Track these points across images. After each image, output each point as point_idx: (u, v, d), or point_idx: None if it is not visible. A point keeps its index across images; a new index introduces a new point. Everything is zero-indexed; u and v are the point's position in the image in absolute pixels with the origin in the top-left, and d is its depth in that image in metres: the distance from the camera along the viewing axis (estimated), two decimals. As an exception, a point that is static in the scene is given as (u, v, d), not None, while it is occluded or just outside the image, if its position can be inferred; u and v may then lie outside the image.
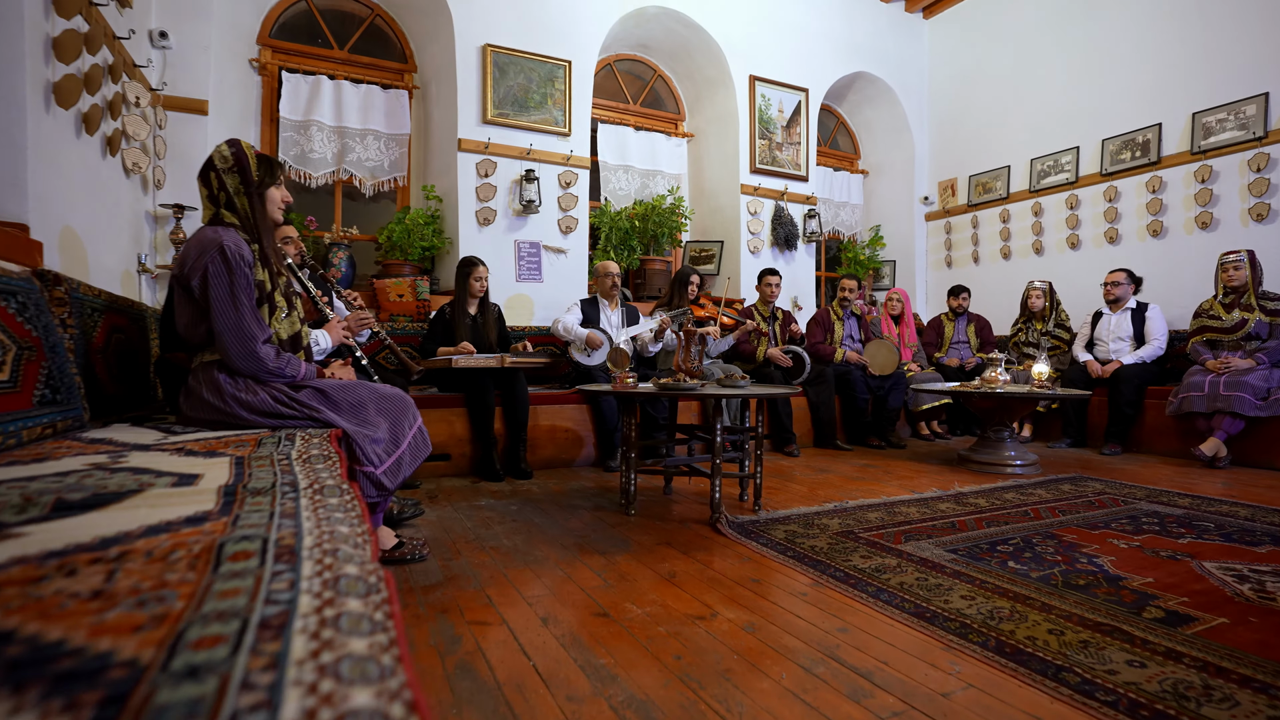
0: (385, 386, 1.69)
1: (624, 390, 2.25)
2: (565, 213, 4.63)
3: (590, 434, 3.54)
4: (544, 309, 4.49)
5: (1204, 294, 4.52)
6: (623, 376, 2.34)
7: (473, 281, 3.39)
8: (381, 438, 1.56)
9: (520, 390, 3.23)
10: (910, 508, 2.53)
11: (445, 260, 4.42)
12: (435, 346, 3.32)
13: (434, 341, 3.35)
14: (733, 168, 5.66)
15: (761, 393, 2.18)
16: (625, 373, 2.34)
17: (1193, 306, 4.55)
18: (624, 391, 2.24)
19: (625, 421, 2.35)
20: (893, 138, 6.92)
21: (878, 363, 4.75)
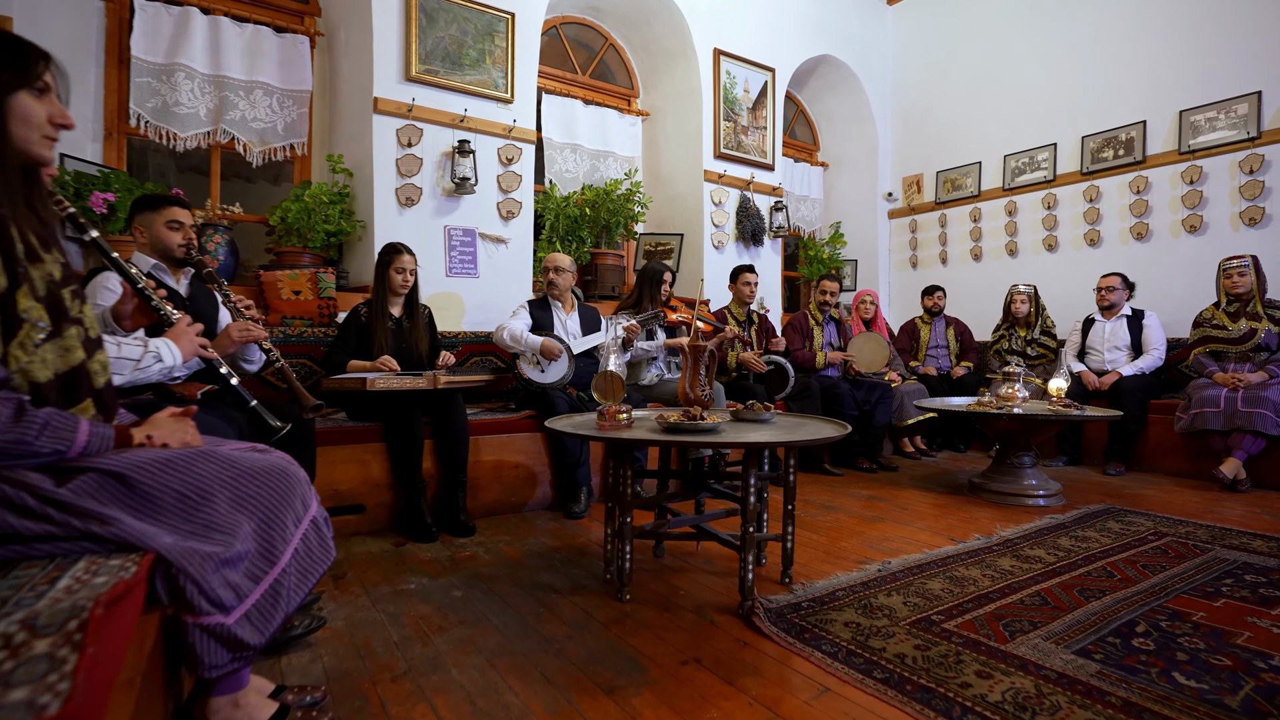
0: (253, 455, 1.01)
1: (616, 434, 1.65)
2: (507, 194, 3.95)
3: (545, 469, 2.90)
4: (479, 311, 3.80)
5: (1192, 301, 4.42)
6: (613, 411, 1.74)
7: (394, 274, 2.68)
8: (241, 552, 0.89)
9: (458, 418, 2.57)
10: (970, 568, 2.08)
11: (356, 249, 3.64)
12: (345, 359, 2.59)
13: (343, 352, 2.62)
14: (694, 151, 5.15)
15: (817, 438, 1.64)
16: (617, 406, 1.74)
17: (1180, 314, 4.45)
18: (618, 437, 1.64)
19: (616, 473, 1.75)
20: (855, 129, 6.64)
21: (864, 359, 4.37)
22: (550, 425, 1.85)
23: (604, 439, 1.65)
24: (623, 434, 1.66)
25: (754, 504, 1.70)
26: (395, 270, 2.67)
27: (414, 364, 2.69)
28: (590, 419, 1.99)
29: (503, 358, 3.66)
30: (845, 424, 1.76)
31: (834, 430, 1.74)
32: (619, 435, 1.64)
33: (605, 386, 1.72)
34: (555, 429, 1.76)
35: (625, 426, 1.76)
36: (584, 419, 2.04)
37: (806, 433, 1.69)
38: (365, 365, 2.53)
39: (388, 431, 2.48)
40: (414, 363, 2.70)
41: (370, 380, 2.27)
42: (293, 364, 2.91)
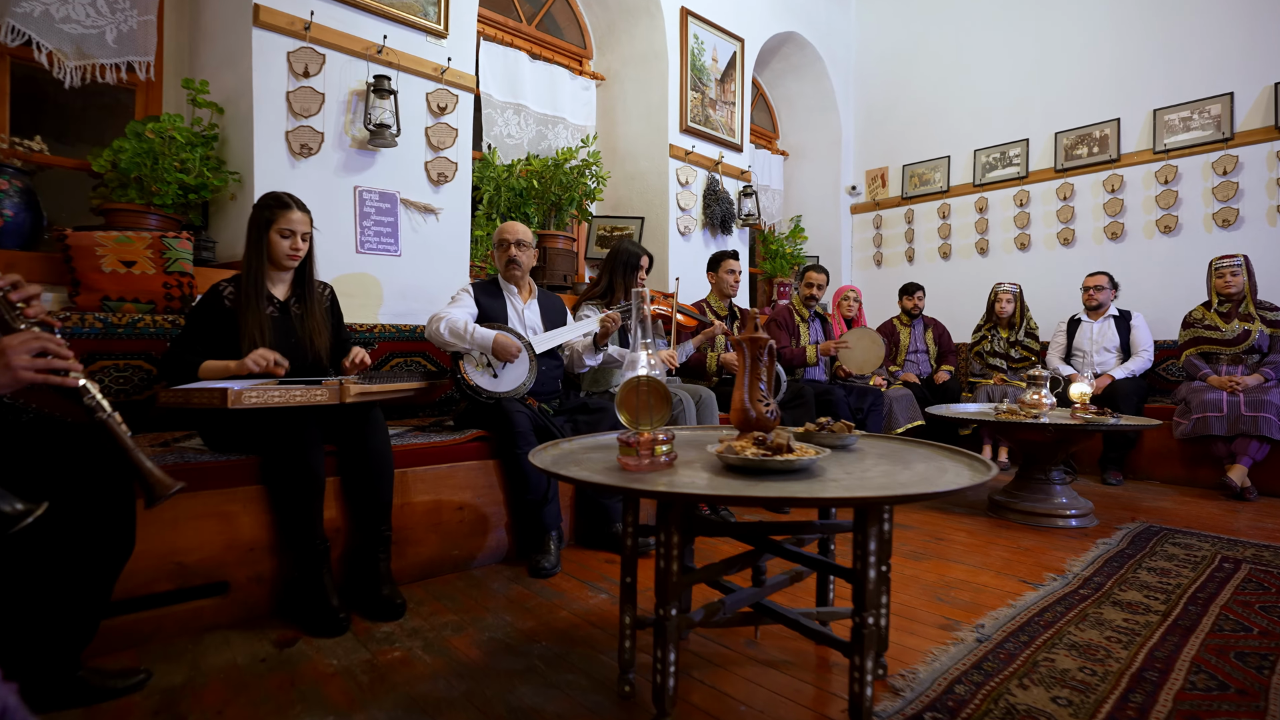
0: None
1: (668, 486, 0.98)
2: (438, 153, 3.16)
3: (499, 509, 2.17)
4: (400, 299, 3.00)
5: (1167, 303, 4.29)
6: (648, 442, 1.06)
7: (277, 238, 1.87)
8: None
9: (378, 445, 1.79)
10: (1081, 627, 1.68)
11: (228, 212, 2.75)
12: (198, 359, 1.75)
13: (192, 349, 1.78)
14: (658, 123, 4.53)
15: (965, 484, 1.03)
16: (656, 433, 1.07)
17: (1155, 315, 4.31)
18: (671, 491, 0.96)
19: (659, 541, 1.08)
20: (818, 117, 6.26)
21: (857, 358, 3.90)
22: (536, 461, 1.16)
23: (644, 492, 0.96)
24: (676, 484, 0.98)
25: (874, 580, 1.07)
26: (279, 233, 1.86)
27: (307, 366, 1.89)
28: (600, 453, 1.30)
29: (436, 359, 2.87)
30: (985, 461, 1.17)
31: (974, 470, 1.15)
32: (672, 488, 0.96)
33: (637, 401, 1.04)
34: (556, 471, 1.06)
35: (666, 466, 1.09)
36: (587, 448, 1.34)
37: (950, 479, 1.08)
38: (229, 367, 1.70)
39: (268, 468, 1.67)
40: (307, 365, 1.89)
41: (235, 394, 1.46)
42: (123, 373, 2.02)
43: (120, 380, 2.00)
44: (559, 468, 1.11)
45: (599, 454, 1.31)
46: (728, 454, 1.08)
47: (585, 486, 1.01)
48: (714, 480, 1.04)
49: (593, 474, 1.06)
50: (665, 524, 1.08)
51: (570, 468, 1.12)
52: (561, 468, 1.11)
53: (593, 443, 1.47)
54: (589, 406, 2.39)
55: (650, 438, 1.07)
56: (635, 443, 1.07)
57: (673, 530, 1.08)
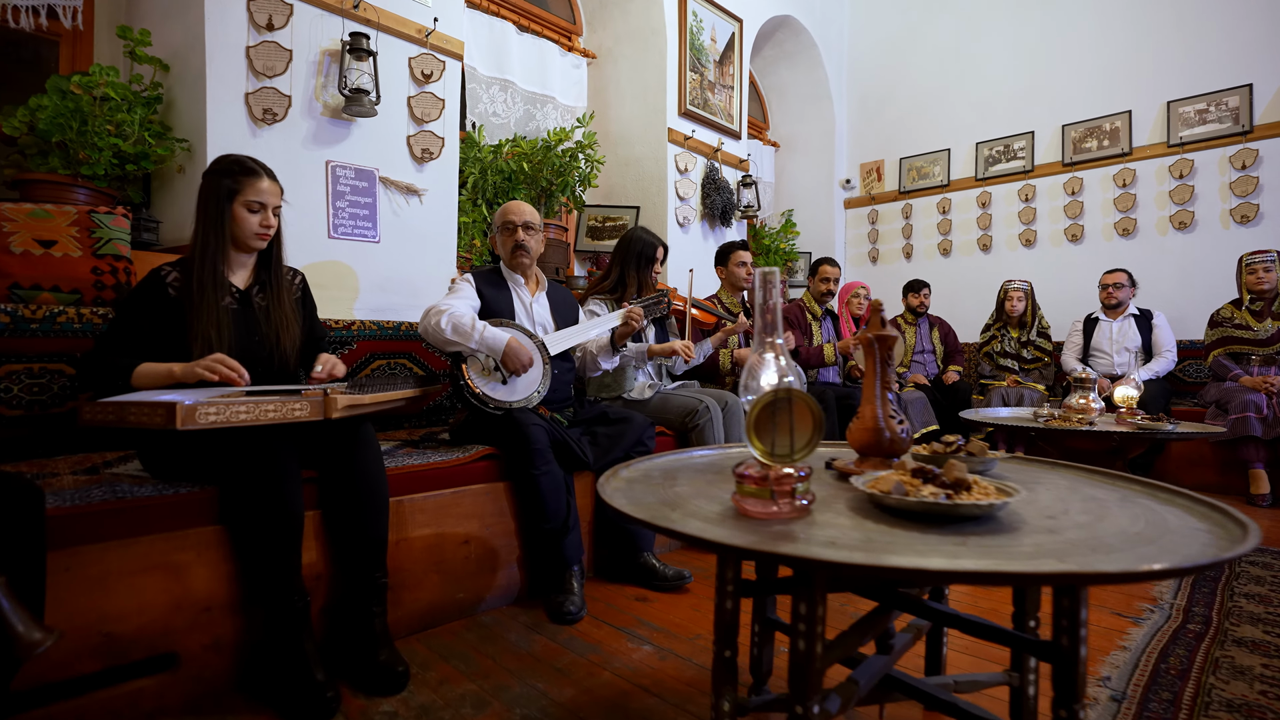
0: None
1: (866, 557, 0.68)
2: (422, 126, 2.80)
3: (510, 541, 1.84)
4: (379, 292, 2.63)
5: (1183, 301, 4.19)
6: (788, 479, 0.76)
7: (242, 212, 1.51)
8: None
9: (369, 467, 1.45)
10: (1229, 681, 1.43)
11: (174, 187, 2.34)
12: (131, 361, 1.37)
13: (123, 347, 1.40)
14: (656, 105, 4.23)
15: (1235, 553, 0.76)
16: (797, 466, 0.77)
17: (1169, 314, 4.20)
18: (880, 565, 0.66)
19: (803, 616, 0.78)
20: (811, 107, 6.06)
21: None
22: (620, 503, 0.85)
23: (829, 564, 0.66)
24: (878, 555, 0.68)
25: (1084, 660, 0.79)
26: (246, 206, 1.50)
27: (273, 371, 1.53)
28: (689, 484, 0.99)
29: (425, 361, 2.51)
30: (1199, 497, 0.90)
31: (1211, 520, 0.87)
32: (877, 560, 0.66)
33: (776, 421, 0.74)
34: (665, 526, 0.75)
35: (805, 510, 0.79)
36: (662, 475, 1.03)
37: (1191, 533, 0.81)
38: (172, 372, 1.33)
39: (230, 503, 1.32)
40: (273, 369, 1.53)
41: (186, 410, 1.10)
42: (37, 380, 1.62)
43: (34, 389, 1.60)
44: (661, 518, 0.80)
45: (688, 486, 1.00)
46: (895, 493, 0.78)
47: (725, 551, 0.70)
48: (876, 531, 0.75)
49: (730, 531, 0.75)
50: (809, 590, 0.78)
51: (676, 516, 0.81)
52: (665, 517, 0.80)
53: (665, 466, 1.16)
54: (609, 416, 2.08)
55: (791, 474, 0.77)
56: (767, 480, 0.77)
57: (817, 598, 0.78)
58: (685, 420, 2.39)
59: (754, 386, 0.84)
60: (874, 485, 0.83)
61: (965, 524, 0.77)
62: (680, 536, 0.73)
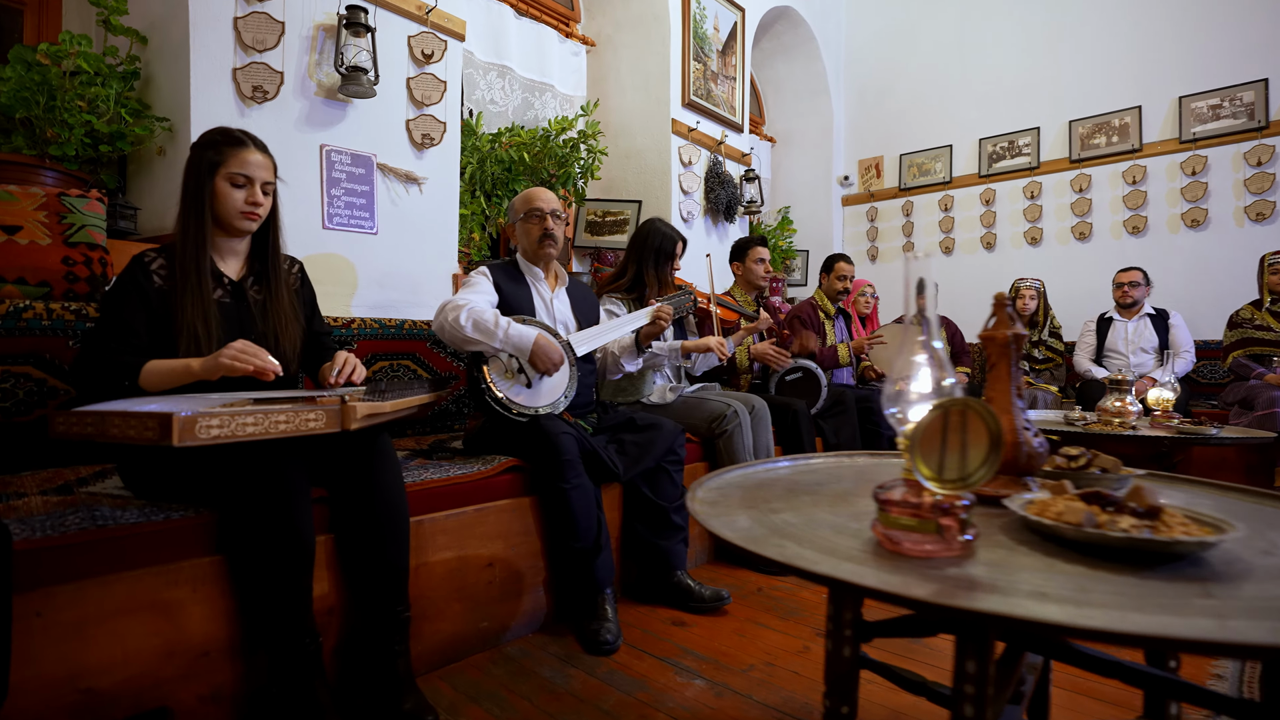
0: None
1: (1109, 621, 0.54)
2: (422, 110, 2.63)
3: (536, 560, 1.68)
4: (378, 288, 2.45)
5: (1196, 301, 4.16)
6: (956, 509, 0.62)
7: (226, 188, 1.33)
8: None
9: (389, 486, 1.28)
10: None
11: (154, 171, 2.14)
12: (139, 359, 1.19)
13: (126, 342, 1.21)
14: (659, 96, 4.09)
15: None
16: (960, 487, 0.62)
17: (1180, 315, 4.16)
18: (1064, 622, 0.52)
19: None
20: (808, 103, 5.96)
21: (889, 358, 3.56)
22: (718, 528, 0.70)
23: (997, 617, 0.51)
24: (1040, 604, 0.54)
25: None
26: (229, 180, 1.32)
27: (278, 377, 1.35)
28: (785, 501, 0.85)
29: (429, 362, 2.33)
30: None
31: None
32: (1128, 626, 0.52)
33: (947, 435, 0.60)
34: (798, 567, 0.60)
35: (968, 549, 0.65)
36: (747, 490, 0.88)
37: None
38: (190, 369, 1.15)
39: (230, 528, 1.14)
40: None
41: (184, 422, 0.92)
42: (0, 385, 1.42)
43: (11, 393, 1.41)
44: (797, 558, 0.65)
45: (791, 512, 0.86)
46: (1088, 525, 0.64)
47: (914, 607, 0.55)
48: (1080, 576, 0.61)
49: (903, 578, 0.60)
50: (979, 645, 0.63)
51: (811, 554, 0.67)
52: (800, 556, 0.65)
53: (740, 483, 1.02)
54: (636, 423, 1.93)
55: (959, 503, 0.63)
56: (929, 510, 0.63)
57: (989, 655, 0.64)
58: (713, 426, 2.25)
59: (895, 395, 0.70)
60: (1052, 514, 0.69)
61: (1172, 564, 0.63)
62: (844, 586, 0.58)
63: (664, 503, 1.87)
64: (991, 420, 0.61)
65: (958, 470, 0.61)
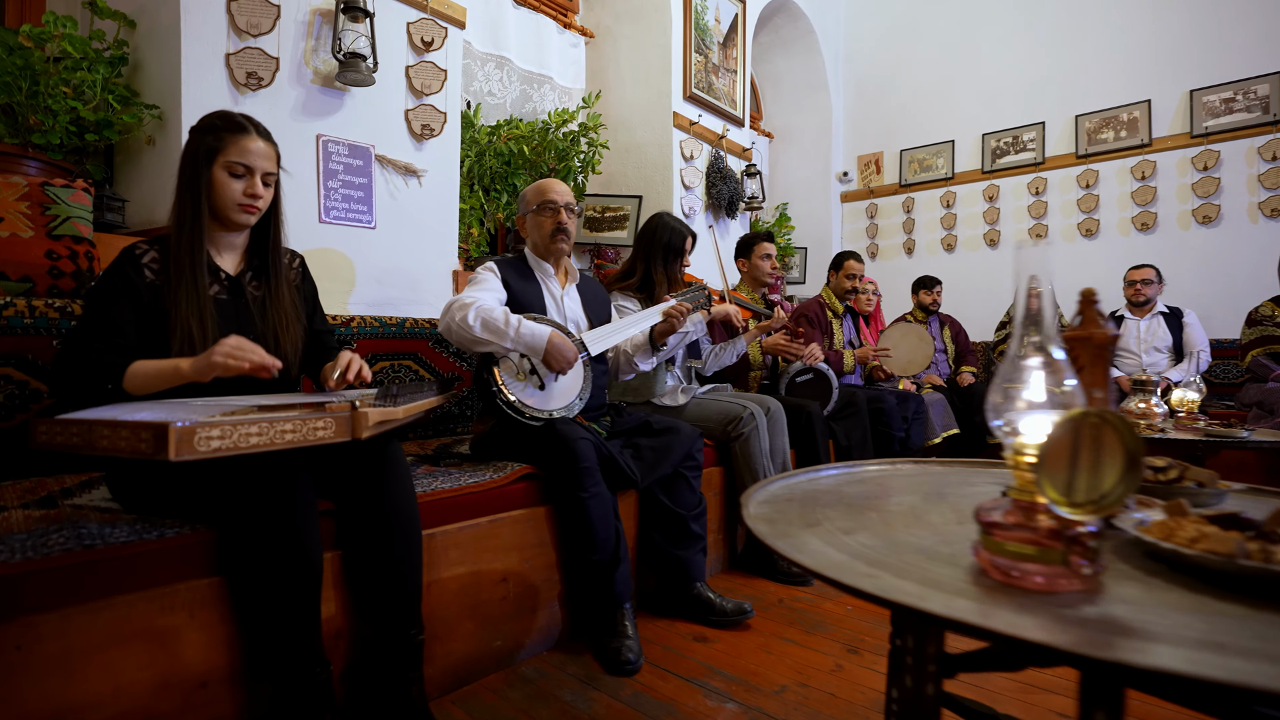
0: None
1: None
2: (421, 99, 2.53)
3: (552, 573, 1.60)
4: (377, 285, 2.36)
5: (1206, 300, 4.12)
6: (1083, 536, 0.54)
7: (222, 175, 1.24)
8: None
9: (401, 499, 1.20)
10: None
11: (144, 161, 2.04)
12: (124, 359, 1.09)
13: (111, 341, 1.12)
14: (660, 87, 4.00)
15: None
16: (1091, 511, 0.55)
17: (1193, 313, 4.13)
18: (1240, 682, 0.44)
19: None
20: (806, 98, 5.90)
21: (901, 358, 3.52)
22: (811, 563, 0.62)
23: (1191, 680, 0.44)
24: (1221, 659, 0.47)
25: None
26: (228, 169, 1.23)
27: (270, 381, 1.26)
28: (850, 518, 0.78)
29: (431, 362, 2.24)
30: None
31: None
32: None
33: (1079, 451, 0.52)
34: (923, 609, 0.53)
35: (1095, 582, 0.57)
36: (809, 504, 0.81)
37: None
38: (180, 370, 1.06)
39: (232, 547, 1.05)
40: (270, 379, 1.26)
41: (181, 433, 0.83)
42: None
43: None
44: (900, 593, 0.57)
45: (866, 533, 0.78)
46: (1240, 556, 0.57)
47: (1079, 664, 0.48)
48: (1250, 619, 0.53)
49: (1045, 625, 0.52)
50: (1112, 698, 0.56)
51: (912, 588, 0.59)
52: (903, 591, 0.58)
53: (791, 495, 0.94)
54: (652, 426, 1.85)
55: (1084, 529, 0.55)
56: (1050, 534, 0.55)
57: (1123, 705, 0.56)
58: (728, 429, 2.18)
59: (1002, 405, 0.62)
60: (1184, 540, 0.62)
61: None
62: (970, 630, 0.50)
63: (682, 510, 1.80)
64: (1129, 435, 0.53)
65: (1090, 491, 0.54)
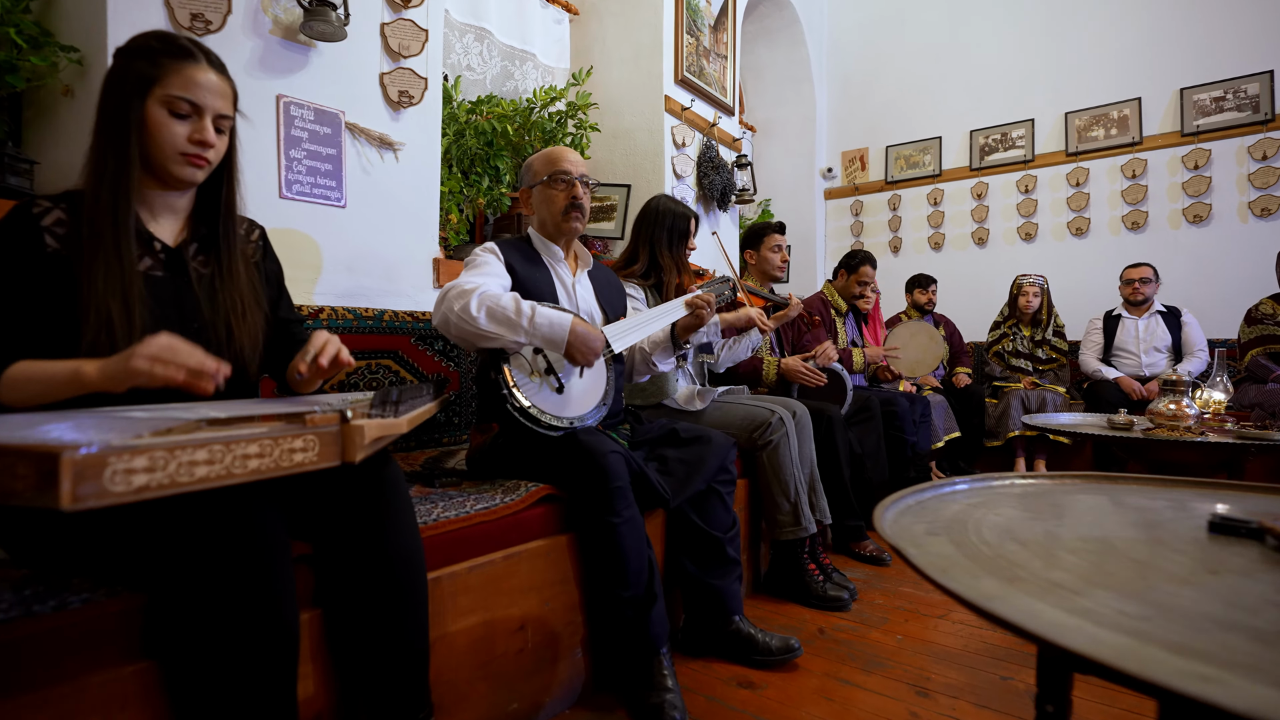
0: None
1: None
2: (399, 62, 2.23)
3: (575, 615, 1.33)
4: (344, 271, 2.04)
5: (1197, 299, 4.08)
6: None
7: (159, 114, 0.93)
8: None
9: (403, 535, 0.92)
10: None
11: (57, 114, 1.68)
12: (3, 358, 0.78)
13: None
14: (651, 70, 3.76)
15: None
16: None
17: (1185, 314, 4.10)
18: None
19: None
20: (790, 91, 5.75)
21: (910, 358, 3.37)
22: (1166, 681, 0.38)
23: None
24: None
25: None
26: (164, 104, 0.93)
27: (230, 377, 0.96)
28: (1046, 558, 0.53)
29: (413, 362, 1.94)
30: None
31: None
32: None
33: None
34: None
35: None
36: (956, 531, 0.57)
37: None
38: (81, 375, 0.76)
39: (168, 617, 0.75)
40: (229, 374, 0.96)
41: (86, 464, 0.54)
42: None
43: None
44: (1243, 694, 0.33)
45: (1057, 568, 0.54)
46: None
47: None
48: None
49: None
50: None
51: (1226, 680, 0.35)
52: (1245, 691, 0.34)
53: (916, 513, 0.70)
54: (679, 435, 1.60)
55: None
56: None
57: None
58: (754, 435, 1.94)
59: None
60: None
61: None
62: None
63: (717, 532, 1.55)
64: None
65: None
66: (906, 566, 0.57)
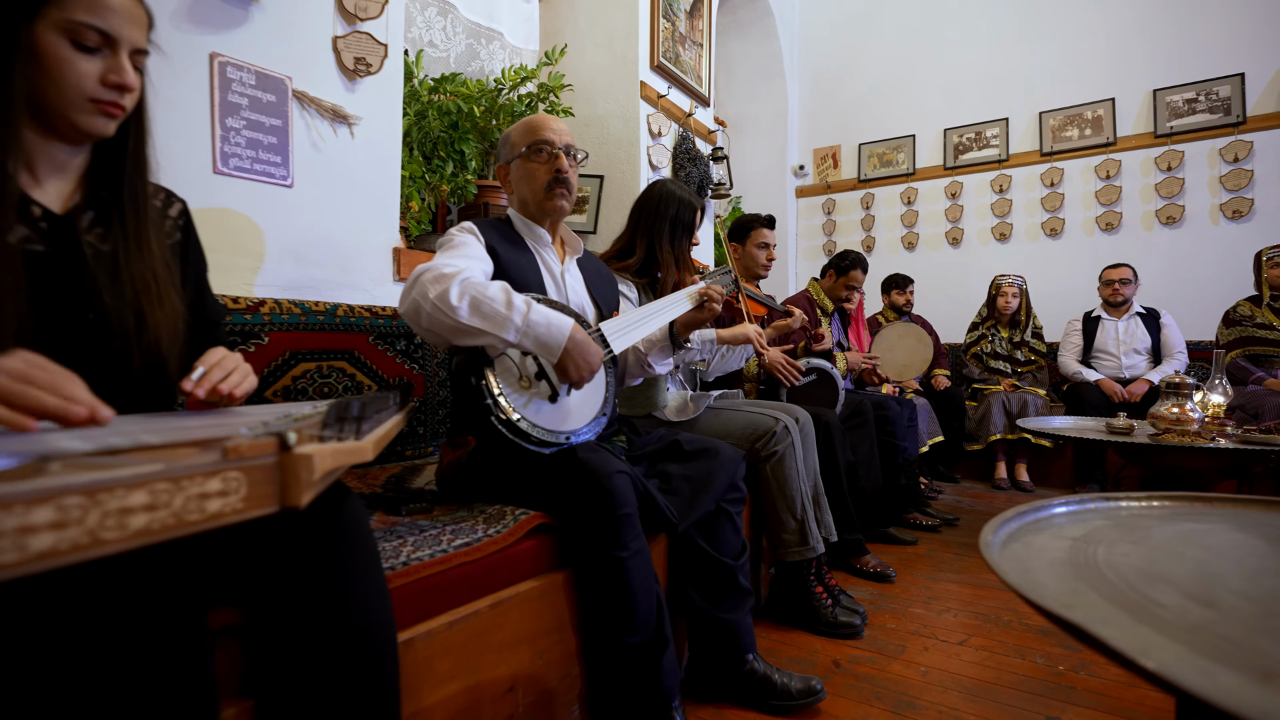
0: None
1: None
2: (355, 26, 1.98)
3: (572, 666, 1.12)
4: (291, 260, 1.78)
5: (1170, 301, 4.12)
6: None
7: (54, 40, 0.70)
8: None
9: (365, 592, 0.70)
10: None
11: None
12: None
13: None
14: (626, 54, 3.58)
15: None
16: None
17: (1157, 315, 4.12)
18: None
19: None
20: (761, 86, 5.66)
21: (897, 361, 3.27)
22: None
23: None
24: None
25: None
26: (63, 30, 0.70)
27: (131, 387, 0.73)
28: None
29: (372, 364, 1.70)
30: None
31: None
32: None
33: None
34: None
35: None
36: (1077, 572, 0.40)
37: None
38: None
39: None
40: (131, 383, 0.74)
41: None
42: None
43: None
44: None
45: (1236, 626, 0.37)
46: None
47: None
48: None
49: None
50: None
51: None
52: None
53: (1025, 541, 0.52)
54: (683, 448, 1.41)
55: None
56: None
57: None
58: (757, 446, 1.77)
59: None
60: None
61: None
62: None
63: (727, 559, 1.36)
64: None
65: None
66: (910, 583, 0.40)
